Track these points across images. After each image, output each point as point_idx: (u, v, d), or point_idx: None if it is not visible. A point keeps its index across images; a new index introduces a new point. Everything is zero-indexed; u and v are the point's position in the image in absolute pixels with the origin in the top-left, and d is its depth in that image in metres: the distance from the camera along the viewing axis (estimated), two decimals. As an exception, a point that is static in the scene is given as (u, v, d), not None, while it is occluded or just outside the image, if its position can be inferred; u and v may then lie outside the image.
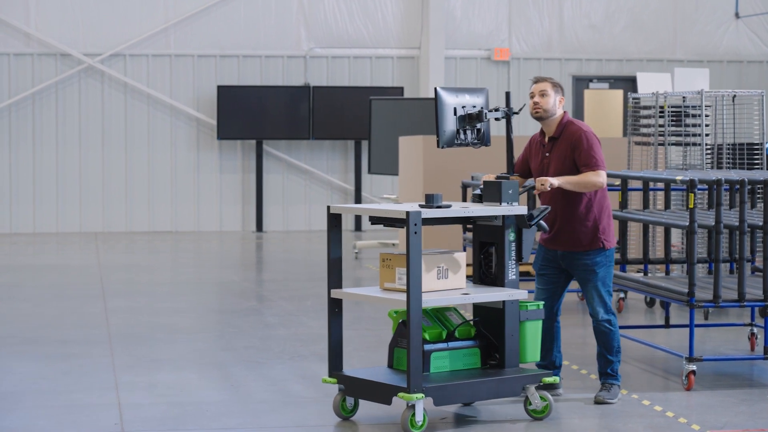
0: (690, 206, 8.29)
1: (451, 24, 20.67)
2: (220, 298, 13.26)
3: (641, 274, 9.96)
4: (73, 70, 19.60)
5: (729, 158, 12.34)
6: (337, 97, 19.99)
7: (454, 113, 7.56)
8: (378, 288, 7.48)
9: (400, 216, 7.19)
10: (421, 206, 7.24)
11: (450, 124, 7.54)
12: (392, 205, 7.65)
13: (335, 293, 7.45)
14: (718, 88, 17.64)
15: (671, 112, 12.71)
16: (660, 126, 12.81)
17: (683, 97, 12.69)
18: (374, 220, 7.50)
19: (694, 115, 12.60)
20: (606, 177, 7.75)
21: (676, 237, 12.38)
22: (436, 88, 7.55)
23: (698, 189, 8.41)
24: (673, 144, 12.84)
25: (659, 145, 12.85)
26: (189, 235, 19.51)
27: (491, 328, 7.55)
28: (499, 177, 7.69)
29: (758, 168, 12.07)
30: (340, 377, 7.42)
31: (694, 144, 12.54)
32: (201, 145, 20.05)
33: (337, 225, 7.43)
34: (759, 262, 9.99)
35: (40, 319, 11.34)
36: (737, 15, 21.46)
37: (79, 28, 19.66)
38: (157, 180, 19.91)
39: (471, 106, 7.61)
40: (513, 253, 7.52)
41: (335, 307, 7.48)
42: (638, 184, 10.51)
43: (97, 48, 19.68)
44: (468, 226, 7.82)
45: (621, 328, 10.23)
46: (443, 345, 7.38)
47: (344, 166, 20.42)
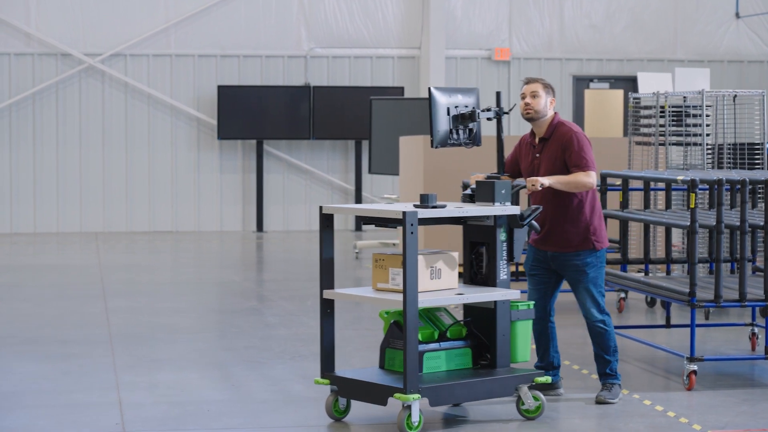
0: (691, 206, 8.29)
1: (452, 24, 20.66)
2: (220, 298, 13.26)
3: (642, 274, 9.96)
4: (73, 70, 19.60)
5: (730, 158, 12.33)
6: (337, 97, 19.98)
7: (448, 113, 7.56)
8: (371, 288, 7.45)
9: (392, 216, 7.19)
10: (416, 206, 7.23)
11: (443, 124, 7.54)
12: (385, 205, 7.62)
13: (327, 294, 7.42)
14: (719, 88, 17.62)
15: (672, 112, 12.70)
16: (661, 126, 12.81)
17: (684, 97, 12.68)
18: (364, 220, 7.50)
19: (694, 115, 12.59)
20: (595, 178, 7.75)
21: (677, 237, 12.37)
22: (430, 88, 7.55)
23: (699, 189, 8.40)
24: (673, 144, 12.83)
25: (660, 145, 12.84)
26: (189, 235, 19.50)
27: (481, 328, 7.54)
28: (489, 177, 7.68)
29: (759, 168, 12.06)
30: (333, 378, 7.39)
31: (695, 144, 12.53)
32: (201, 145, 20.04)
33: (329, 225, 7.40)
34: (760, 262, 9.98)
35: (40, 319, 11.34)
36: (738, 15, 21.46)
37: (80, 28, 19.66)
38: (157, 180, 19.90)
39: (463, 106, 7.61)
40: (504, 253, 7.52)
41: (327, 308, 7.45)
42: (639, 184, 10.50)
43: (97, 48, 19.68)
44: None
45: (622, 328, 10.26)
46: (436, 345, 7.36)
47: (345, 166, 20.41)
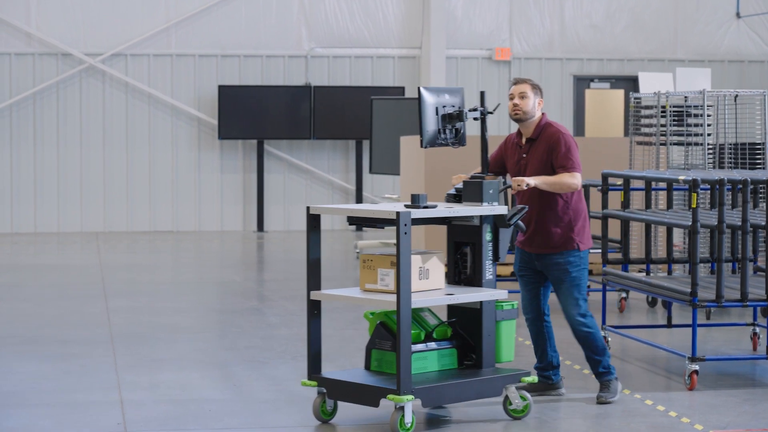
0: (692, 206, 8.29)
1: (452, 24, 20.66)
2: (221, 298, 13.25)
3: (643, 273, 9.96)
4: (74, 69, 19.60)
5: (731, 158, 12.32)
6: (338, 97, 19.98)
7: (436, 113, 7.55)
8: (358, 289, 7.40)
9: (380, 216, 7.17)
10: (407, 206, 7.20)
11: (432, 124, 7.53)
12: (373, 205, 7.60)
13: (314, 295, 7.39)
14: (719, 88, 17.62)
15: (673, 111, 12.70)
16: (662, 126, 12.80)
17: (685, 97, 12.67)
18: (352, 220, 7.46)
19: (696, 115, 12.58)
20: (580, 179, 7.75)
21: (678, 237, 12.36)
22: (419, 88, 7.54)
23: (700, 189, 8.39)
24: (674, 144, 12.82)
25: (661, 144, 12.83)
26: (190, 235, 19.50)
27: (466, 328, 7.53)
28: (474, 177, 7.67)
29: (760, 168, 12.06)
30: (320, 380, 7.35)
31: (696, 144, 12.52)
32: (202, 145, 20.04)
33: (316, 226, 7.35)
34: (761, 262, 9.98)
35: (41, 319, 11.34)
36: (738, 15, 21.45)
37: (80, 27, 19.65)
38: (158, 180, 19.90)
39: (450, 105, 7.61)
40: (490, 253, 7.51)
41: (314, 309, 7.42)
42: (641, 184, 10.50)
43: (98, 48, 19.68)
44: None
45: (623, 327, 10.27)
46: (423, 346, 7.34)
47: (345, 166, 20.42)
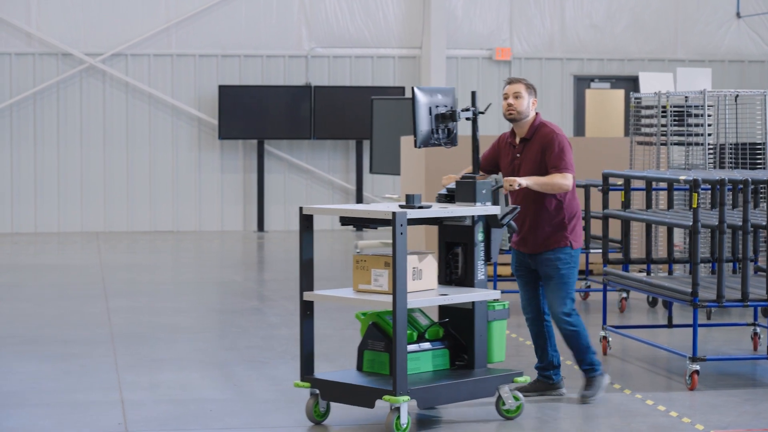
0: (693, 206, 8.29)
1: (453, 24, 20.65)
2: (221, 298, 13.25)
3: (644, 273, 9.95)
4: (74, 69, 19.59)
5: (731, 158, 12.32)
6: (338, 97, 19.98)
7: (429, 113, 7.54)
8: (351, 290, 7.36)
9: (373, 216, 7.15)
10: (401, 207, 7.17)
11: (426, 124, 7.52)
12: (368, 206, 7.57)
13: (307, 296, 7.33)
14: (720, 88, 17.62)
15: (673, 111, 12.70)
16: (662, 126, 12.80)
17: (686, 97, 12.67)
18: (344, 220, 7.44)
19: (696, 115, 12.58)
20: (572, 180, 7.74)
21: (678, 237, 12.36)
22: (413, 88, 7.52)
23: (701, 189, 8.39)
24: (675, 144, 12.82)
25: (661, 144, 12.83)
26: (190, 235, 19.50)
27: (457, 328, 7.51)
28: (464, 177, 7.66)
29: (761, 168, 12.06)
30: (314, 381, 7.30)
31: (697, 144, 12.52)
32: (202, 145, 20.04)
33: (309, 226, 7.31)
34: (762, 262, 9.98)
35: (41, 319, 11.33)
36: (738, 15, 21.45)
37: (81, 27, 19.65)
38: (158, 180, 19.90)
39: (443, 105, 7.60)
40: (482, 253, 7.49)
41: (307, 310, 7.36)
42: (641, 184, 10.49)
43: (98, 48, 19.67)
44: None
45: (624, 327, 10.27)
46: (416, 347, 7.32)
47: (346, 166, 20.41)
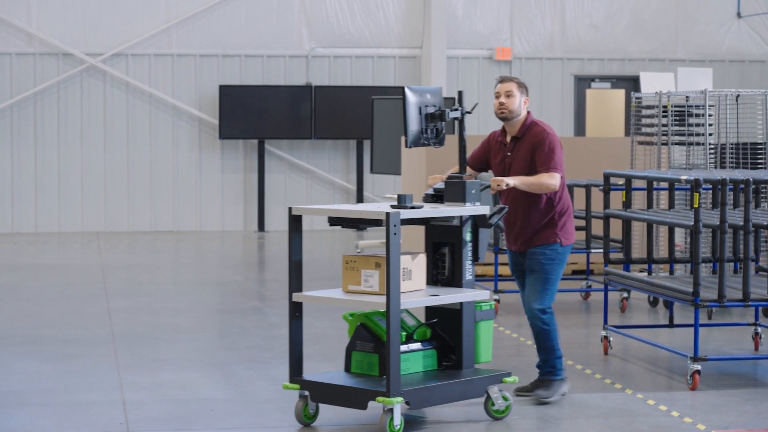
0: (694, 206, 8.29)
1: (453, 24, 20.65)
2: (222, 298, 13.24)
3: (645, 273, 9.95)
4: (74, 69, 19.59)
5: (732, 158, 12.32)
6: (338, 97, 19.97)
7: (419, 113, 7.52)
8: (341, 290, 7.32)
9: (361, 216, 7.12)
10: (393, 207, 7.14)
11: (416, 124, 7.50)
12: (359, 206, 7.52)
13: (296, 297, 7.29)
14: (720, 88, 17.62)
15: (674, 111, 12.70)
16: (663, 126, 12.79)
17: (686, 97, 12.67)
18: (332, 221, 7.37)
19: (697, 115, 12.58)
20: (560, 180, 7.71)
21: (679, 237, 12.36)
22: (404, 88, 7.48)
23: (702, 189, 8.39)
24: (676, 144, 12.82)
25: (662, 144, 12.83)
26: (191, 235, 19.49)
27: (444, 329, 7.50)
28: (450, 177, 7.64)
29: (761, 167, 12.05)
30: (303, 383, 7.27)
31: (698, 144, 12.52)
32: (203, 145, 20.03)
33: (298, 227, 7.24)
34: (763, 262, 9.98)
35: (41, 319, 11.33)
36: (739, 14, 21.45)
37: (81, 27, 19.64)
38: (158, 180, 19.89)
39: (432, 105, 7.58)
40: (470, 253, 7.48)
41: (296, 311, 7.32)
42: (642, 184, 10.49)
43: (98, 48, 19.67)
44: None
45: (625, 327, 10.26)
46: (405, 347, 7.29)
47: (346, 166, 20.41)
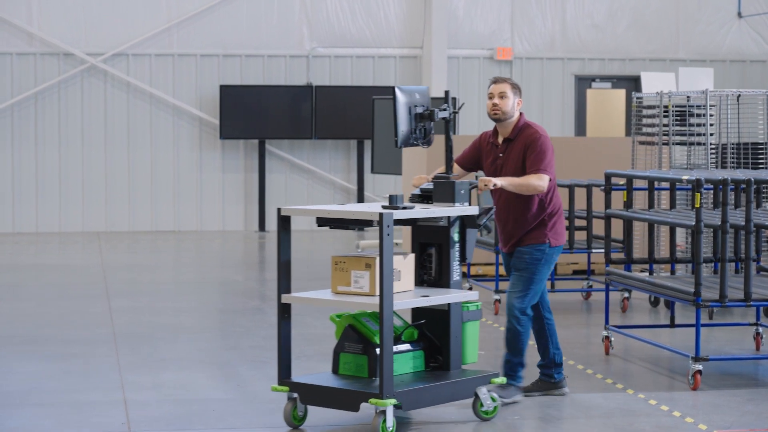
0: (696, 206, 8.29)
1: (454, 23, 20.65)
2: (223, 298, 13.25)
3: (646, 273, 9.95)
4: (75, 69, 19.59)
5: (733, 158, 12.32)
6: (339, 97, 19.97)
7: (409, 113, 7.51)
8: (329, 291, 7.27)
9: (350, 217, 7.11)
10: (384, 207, 7.11)
11: (406, 124, 7.49)
12: (349, 206, 7.47)
13: (285, 298, 7.23)
14: (721, 88, 17.61)
15: (675, 111, 12.70)
16: (664, 125, 12.80)
17: (687, 97, 12.67)
18: (320, 222, 7.34)
19: (698, 115, 12.58)
20: (548, 182, 7.68)
21: (681, 237, 12.36)
22: (394, 88, 7.47)
23: (703, 189, 8.39)
24: (677, 144, 12.82)
25: (663, 144, 12.83)
26: (191, 235, 19.49)
27: (430, 329, 7.49)
28: (437, 177, 7.63)
29: (763, 167, 12.05)
30: (293, 385, 7.22)
31: (699, 143, 12.52)
32: (204, 145, 20.03)
33: (286, 227, 7.24)
34: (764, 262, 9.98)
35: (42, 319, 11.33)
36: (740, 14, 21.44)
37: (82, 27, 19.64)
38: (159, 179, 19.89)
39: (421, 105, 7.57)
40: (458, 253, 7.47)
41: (285, 313, 7.26)
42: (643, 184, 10.49)
43: (99, 47, 19.67)
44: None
45: (626, 327, 10.27)
46: (393, 349, 7.20)
47: (347, 166, 20.41)
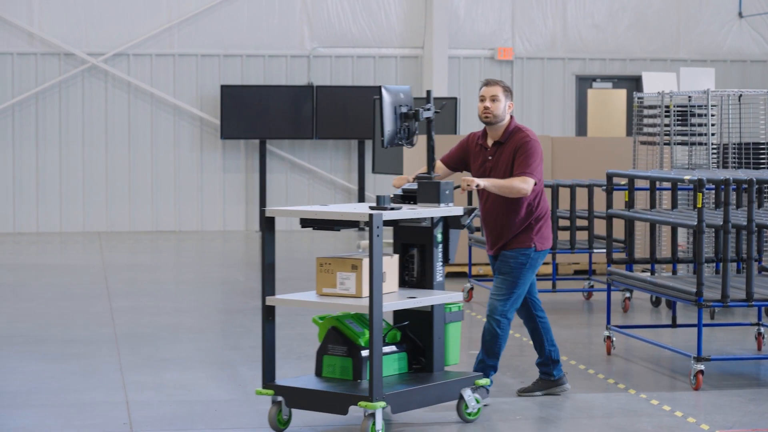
0: (698, 206, 8.29)
1: (455, 23, 20.65)
2: (224, 298, 13.25)
3: (648, 273, 9.95)
4: (76, 69, 19.59)
5: (735, 158, 12.32)
6: (340, 97, 19.97)
7: (394, 112, 7.49)
8: (314, 293, 7.21)
9: (345, 218, 7.08)
10: (372, 208, 7.07)
11: (392, 124, 7.47)
12: (326, 207, 7.40)
13: (269, 300, 7.16)
14: (722, 88, 17.61)
15: (677, 111, 12.70)
16: (665, 125, 12.80)
17: (689, 97, 12.67)
18: (304, 223, 7.26)
19: (699, 115, 12.58)
20: (531, 185, 7.64)
21: (682, 237, 12.36)
22: (381, 87, 7.45)
23: (705, 189, 8.38)
24: (678, 144, 12.82)
25: (665, 144, 12.83)
26: (192, 235, 19.50)
27: (412, 331, 7.48)
28: (418, 177, 7.62)
29: (764, 167, 12.05)
30: (278, 388, 7.15)
31: (700, 144, 12.52)
32: (204, 145, 20.03)
33: (271, 228, 7.16)
34: (766, 262, 9.97)
35: (44, 319, 11.33)
36: (740, 14, 21.45)
37: (83, 27, 19.65)
38: (160, 179, 19.89)
39: (405, 105, 7.55)
40: (441, 254, 7.46)
41: (269, 315, 7.19)
42: (645, 184, 10.49)
43: (100, 47, 19.67)
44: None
45: (627, 327, 10.26)
46: None
47: (348, 166, 20.41)
